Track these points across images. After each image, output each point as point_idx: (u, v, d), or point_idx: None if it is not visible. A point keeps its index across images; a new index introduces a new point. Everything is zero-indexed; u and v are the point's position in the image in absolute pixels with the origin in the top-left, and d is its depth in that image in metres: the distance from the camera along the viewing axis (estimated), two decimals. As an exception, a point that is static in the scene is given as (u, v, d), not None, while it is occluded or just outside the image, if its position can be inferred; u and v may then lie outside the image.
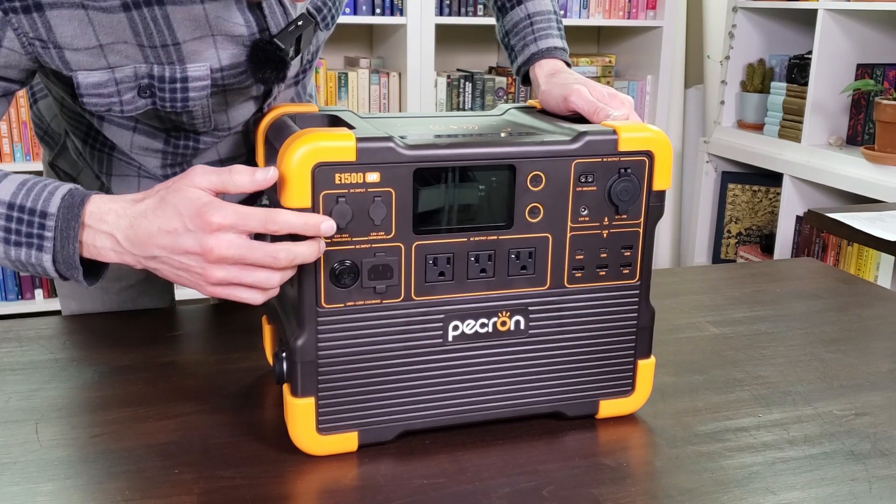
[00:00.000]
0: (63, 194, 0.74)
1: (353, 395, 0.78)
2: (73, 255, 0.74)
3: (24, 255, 0.74)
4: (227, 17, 0.79)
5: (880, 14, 2.79)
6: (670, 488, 0.75)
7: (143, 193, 0.75)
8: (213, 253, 0.70)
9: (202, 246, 0.70)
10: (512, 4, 1.07)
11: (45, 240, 0.74)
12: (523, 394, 0.83)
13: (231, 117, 0.90)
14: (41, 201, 0.74)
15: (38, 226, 0.73)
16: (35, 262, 0.75)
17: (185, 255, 0.71)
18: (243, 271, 0.71)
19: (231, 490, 0.73)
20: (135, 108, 0.82)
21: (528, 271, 0.80)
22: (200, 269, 0.71)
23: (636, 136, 0.80)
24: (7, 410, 0.86)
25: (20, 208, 0.74)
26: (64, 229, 0.73)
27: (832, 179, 2.73)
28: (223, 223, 0.69)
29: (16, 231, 0.74)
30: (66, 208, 0.73)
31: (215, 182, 0.71)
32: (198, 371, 0.95)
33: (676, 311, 1.18)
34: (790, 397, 0.93)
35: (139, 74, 0.80)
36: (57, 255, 0.74)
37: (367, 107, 2.93)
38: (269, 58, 0.83)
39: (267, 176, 0.71)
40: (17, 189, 0.74)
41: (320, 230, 0.71)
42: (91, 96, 0.80)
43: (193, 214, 0.70)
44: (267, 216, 0.70)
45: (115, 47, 0.77)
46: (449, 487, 0.74)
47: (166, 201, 0.71)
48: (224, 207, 0.70)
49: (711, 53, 3.39)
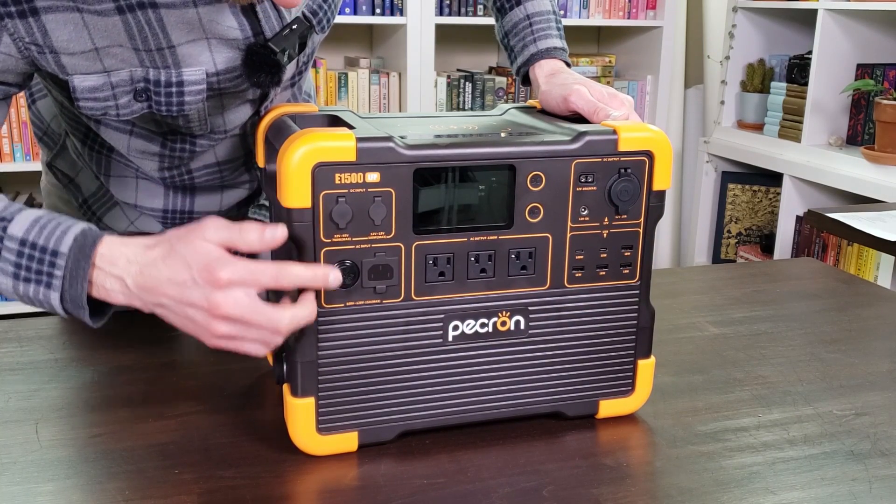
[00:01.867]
0: (76, 234, 0.74)
1: (353, 395, 0.78)
2: (81, 294, 0.74)
3: (32, 292, 0.75)
4: (221, 21, 0.79)
5: (880, 14, 2.79)
6: (670, 488, 0.75)
7: (154, 239, 0.75)
8: (219, 310, 0.70)
9: (209, 301, 0.70)
10: (511, 5, 1.07)
11: (55, 278, 0.74)
12: (523, 394, 0.83)
13: (227, 120, 0.90)
14: (53, 240, 0.74)
15: (48, 264, 0.74)
16: (42, 299, 0.75)
17: (192, 308, 0.71)
18: (247, 329, 0.72)
19: (231, 490, 0.73)
20: (131, 112, 0.82)
21: (528, 271, 0.80)
22: (205, 323, 0.72)
23: (636, 136, 0.80)
24: (7, 410, 0.86)
25: (32, 245, 0.74)
26: (73, 269, 0.73)
27: (832, 179, 2.73)
28: (232, 279, 0.70)
29: (26, 267, 0.74)
30: (78, 249, 0.73)
31: (226, 238, 0.72)
32: (198, 371, 0.95)
33: (676, 311, 1.18)
34: (790, 397, 0.93)
35: (135, 78, 0.80)
36: (65, 293, 0.74)
37: (367, 107, 2.93)
38: (264, 61, 0.82)
39: (276, 234, 0.72)
40: (30, 225, 0.74)
41: (328, 282, 0.72)
42: (87, 100, 0.80)
43: (202, 268, 0.70)
44: (278, 272, 0.71)
45: (110, 51, 0.77)
46: (449, 487, 0.74)
47: (176, 251, 0.72)
48: (233, 264, 0.70)
49: (711, 53, 3.39)
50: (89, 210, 1.08)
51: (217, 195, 1.03)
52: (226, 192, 1.03)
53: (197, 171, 0.97)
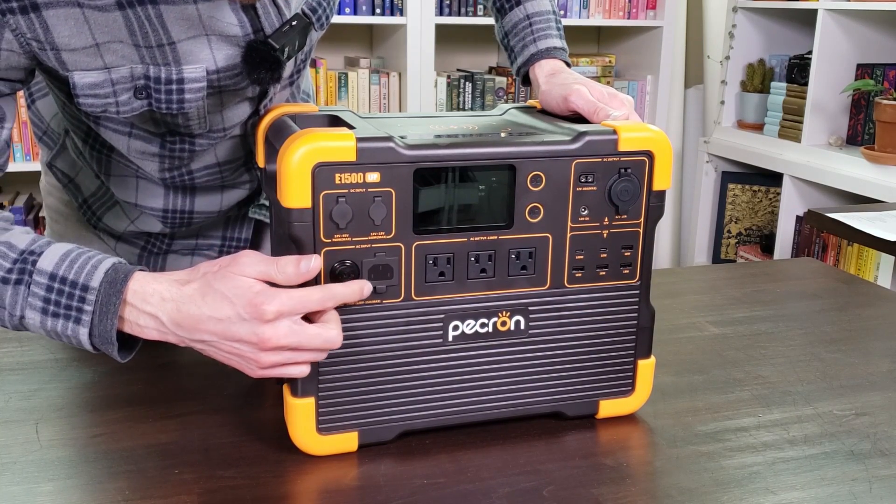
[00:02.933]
0: (107, 269, 0.74)
1: (353, 395, 0.78)
2: (111, 330, 0.73)
3: (61, 327, 0.74)
4: (220, 18, 0.79)
5: (880, 14, 2.79)
6: (670, 488, 0.75)
7: (187, 273, 0.75)
8: (270, 343, 0.71)
9: (258, 336, 0.70)
10: (511, 5, 1.07)
11: (84, 313, 0.73)
12: (523, 394, 0.83)
13: (226, 118, 0.90)
14: (84, 274, 0.73)
15: (78, 299, 0.73)
16: (71, 335, 0.74)
17: (239, 343, 0.72)
18: (297, 354, 0.72)
19: (231, 490, 0.73)
20: (131, 109, 0.82)
21: (528, 271, 0.80)
22: (253, 356, 0.72)
23: (636, 136, 0.80)
24: (7, 410, 0.86)
25: (62, 280, 0.73)
26: (104, 304, 0.73)
27: (832, 179, 2.73)
28: (280, 311, 0.70)
29: (55, 302, 0.73)
30: (109, 284, 0.73)
31: (263, 272, 0.72)
32: (198, 371, 0.95)
33: (676, 311, 1.18)
34: (790, 397, 0.93)
35: (135, 75, 0.80)
36: (94, 329, 0.74)
37: (367, 107, 2.93)
38: (264, 58, 0.82)
39: (310, 265, 0.72)
40: (59, 260, 0.74)
41: (364, 294, 0.74)
42: (87, 97, 0.80)
43: (247, 304, 0.70)
44: (324, 297, 0.72)
45: (111, 47, 0.77)
46: (449, 487, 0.74)
47: (214, 288, 0.71)
48: (279, 296, 0.71)
49: (711, 53, 3.39)
50: (89, 210, 1.08)
51: (217, 195, 1.03)
52: (226, 193, 1.03)
53: (197, 171, 0.97)
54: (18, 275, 0.74)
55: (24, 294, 0.74)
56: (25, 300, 0.74)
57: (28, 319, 0.75)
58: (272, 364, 0.72)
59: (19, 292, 0.74)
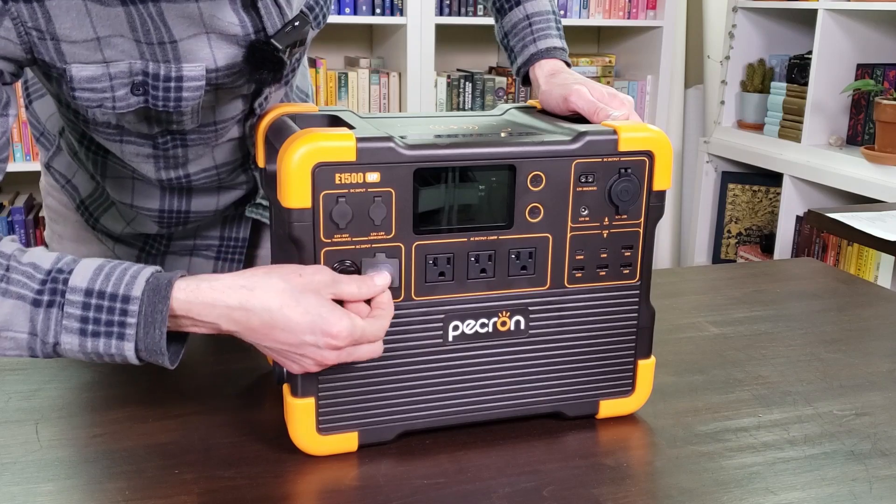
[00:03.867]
0: (147, 277, 0.70)
1: (353, 395, 0.78)
2: (160, 340, 0.69)
3: (104, 346, 0.69)
4: (222, 17, 0.79)
5: (880, 14, 2.79)
6: (670, 488, 0.75)
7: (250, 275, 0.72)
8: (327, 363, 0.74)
9: (321, 356, 0.73)
10: (510, 5, 1.07)
11: (128, 327, 0.69)
12: (523, 394, 0.83)
13: (218, 113, 0.90)
14: (123, 285, 0.69)
15: (119, 312, 0.69)
16: (115, 352, 0.69)
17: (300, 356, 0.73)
18: (354, 350, 0.74)
19: (231, 490, 0.73)
20: (126, 105, 0.82)
21: (528, 271, 0.80)
22: (308, 367, 0.74)
23: (636, 136, 0.80)
24: (7, 410, 0.86)
25: (99, 294, 0.68)
26: (149, 314, 0.69)
27: (832, 179, 2.73)
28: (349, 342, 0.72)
29: (94, 320, 0.68)
30: (152, 291, 0.69)
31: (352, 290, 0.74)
32: (198, 371, 0.95)
33: (676, 311, 1.18)
34: (790, 397, 0.93)
35: (134, 71, 0.79)
36: (139, 342, 0.69)
37: (367, 107, 2.93)
38: (266, 58, 0.82)
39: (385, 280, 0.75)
40: (93, 274, 0.69)
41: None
42: (83, 90, 0.79)
43: (322, 331, 0.71)
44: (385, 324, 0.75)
45: (111, 41, 0.76)
46: (449, 487, 0.74)
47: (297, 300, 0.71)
48: (351, 329, 0.72)
49: (711, 53, 3.39)
50: (87, 211, 1.08)
51: (214, 196, 1.03)
52: (222, 193, 1.03)
53: (195, 173, 0.97)
54: (50, 296, 0.68)
55: (56, 317, 0.68)
56: (60, 324, 0.69)
57: (64, 345, 0.69)
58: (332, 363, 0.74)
59: (51, 316, 0.68)
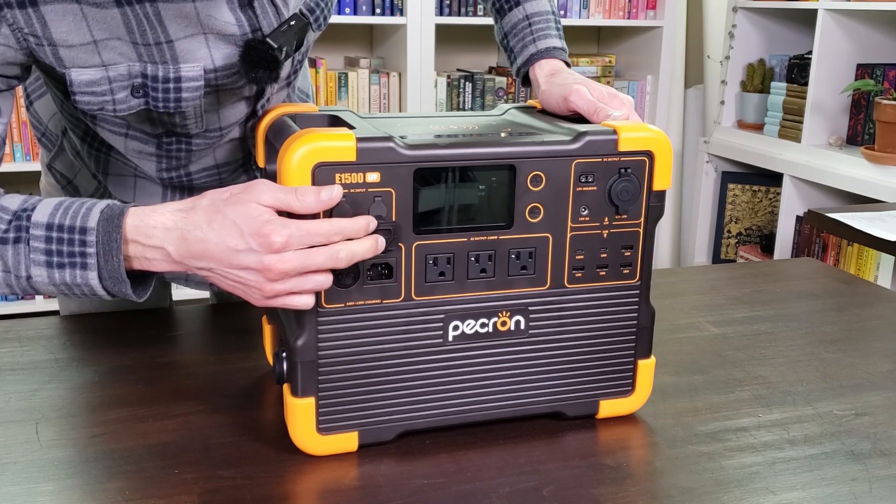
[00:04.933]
0: (102, 208, 0.74)
1: (353, 395, 0.78)
2: (119, 268, 0.73)
3: (69, 277, 0.74)
4: (218, 16, 0.79)
5: (880, 14, 2.79)
6: (670, 488, 0.75)
7: (191, 201, 0.74)
8: (275, 271, 0.70)
9: (262, 264, 0.70)
10: (510, 6, 1.07)
11: (88, 256, 0.73)
12: (523, 394, 0.83)
13: (222, 117, 0.90)
14: (80, 218, 0.73)
15: (78, 243, 0.73)
16: (81, 282, 0.74)
17: (244, 271, 0.71)
18: (301, 279, 0.71)
19: (231, 490, 0.73)
20: (127, 107, 0.82)
21: (528, 271, 0.80)
22: (258, 285, 0.72)
23: (636, 136, 0.80)
24: (7, 410, 0.86)
25: (59, 227, 0.73)
26: (105, 242, 0.73)
27: (832, 179, 2.73)
28: (289, 242, 0.70)
29: (57, 252, 0.73)
30: (106, 220, 0.73)
31: (280, 199, 0.71)
32: (198, 371, 0.95)
33: (676, 311, 1.18)
34: (790, 397, 0.93)
35: (132, 73, 0.79)
36: (102, 270, 0.73)
37: (367, 107, 2.93)
38: (262, 57, 0.82)
39: (332, 195, 0.71)
40: (53, 210, 0.74)
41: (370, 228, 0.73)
42: (84, 94, 0.80)
43: (254, 233, 0.70)
44: (331, 229, 0.71)
45: (108, 44, 0.77)
46: (449, 487, 0.74)
47: (224, 214, 0.71)
48: (288, 226, 0.70)
49: (711, 53, 3.39)
50: None
51: None
52: None
53: (196, 173, 0.97)
54: (16, 233, 0.74)
55: (24, 252, 0.73)
56: (28, 258, 0.73)
57: (35, 278, 0.74)
58: (277, 293, 0.72)
59: (20, 251, 0.74)
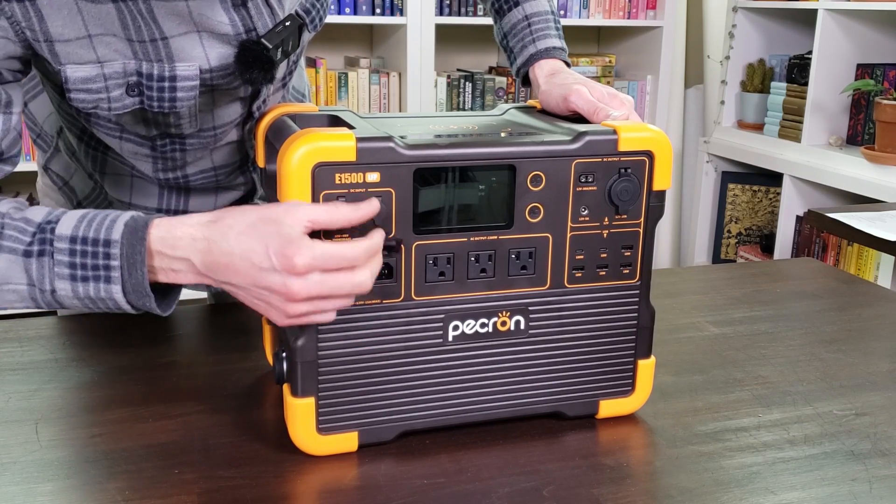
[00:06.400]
0: (126, 220, 0.73)
1: (353, 395, 0.78)
2: (143, 280, 0.72)
3: (93, 291, 0.73)
4: (211, 15, 0.79)
5: (880, 14, 2.79)
6: (670, 488, 0.75)
7: (219, 212, 0.73)
8: (298, 295, 0.70)
9: (287, 287, 0.69)
10: (509, 6, 1.07)
11: (112, 269, 0.72)
12: (523, 394, 0.83)
13: (217, 117, 0.90)
14: (104, 230, 0.72)
15: (102, 255, 0.72)
16: (105, 296, 0.73)
17: (267, 291, 0.71)
18: (323, 302, 0.71)
19: (231, 490, 0.73)
20: (122, 106, 0.82)
21: (528, 271, 0.80)
22: (281, 305, 0.71)
23: (636, 136, 0.80)
24: (7, 410, 0.86)
25: (83, 240, 0.72)
26: (129, 255, 0.72)
27: (832, 179, 2.73)
28: (312, 265, 0.69)
29: (81, 265, 0.72)
30: (130, 232, 0.72)
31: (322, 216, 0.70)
32: (198, 371, 0.95)
33: (676, 311, 1.18)
34: (790, 397, 0.93)
35: (128, 71, 0.79)
36: (126, 284, 0.72)
37: (367, 107, 2.93)
38: (257, 58, 0.82)
39: (371, 207, 0.72)
40: (77, 222, 0.73)
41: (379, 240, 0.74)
42: (79, 91, 0.80)
43: (278, 252, 0.69)
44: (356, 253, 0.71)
45: (103, 39, 0.77)
46: (449, 487, 0.74)
47: (253, 227, 0.70)
48: (311, 249, 0.69)
49: (711, 53, 3.39)
50: None
51: (212, 196, 1.03)
52: (220, 194, 1.03)
53: (193, 174, 0.97)
54: (40, 245, 0.73)
55: (49, 265, 0.73)
56: (52, 271, 0.73)
57: (60, 291, 0.73)
58: (300, 314, 0.71)
59: (44, 264, 0.73)
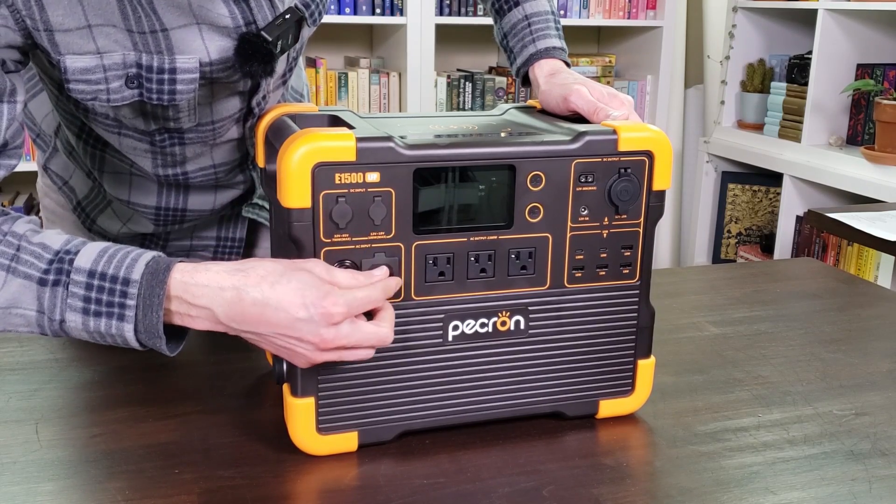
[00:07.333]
0: (147, 261, 0.72)
1: (353, 395, 0.78)
2: (157, 324, 0.71)
3: (104, 326, 0.72)
4: (211, 8, 0.79)
5: (880, 14, 2.79)
6: (670, 488, 0.75)
7: (244, 262, 0.73)
8: (329, 344, 0.71)
9: (321, 337, 0.70)
10: (509, 6, 1.07)
11: (127, 308, 0.71)
12: (523, 394, 0.83)
13: (215, 111, 0.90)
14: (124, 268, 0.71)
15: (119, 293, 0.71)
16: (115, 333, 0.72)
17: (298, 341, 0.71)
18: (348, 352, 0.73)
19: (231, 490, 0.73)
20: (121, 98, 0.82)
21: (528, 271, 0.80)
22: (308, 353, 0.72)
23: (636, 135, 0.80)
24: (7, 410, 0.86)
25: (101, 276, 0.71)
26: (147, 297, 0.71)
27: (832, 179, 2.73)
28: (348, 313, 0.71)
29: (96, 300, 0.71)
30: (151, 274, 0.71)
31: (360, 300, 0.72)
32: (198, 371, 0.95)
33: (676, 311, 1.18)
34: (790, 397, 0.93)
35: (127, 62, 0.79)
36: (139, 324, 0.71)
37: (367, 107, 2.93)
38: (257, 51, 0.82)
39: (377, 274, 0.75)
40: (97, 256, 0.72)
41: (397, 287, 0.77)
42: (78, 82, 0.79)
43: (315, 303, 0.69)
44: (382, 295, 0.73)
45: (103, 30, 0.77)
46: (449, 487, 0.74)
47: (288, 278, 0.70)
48: (344, 296, 0.70)
49: (711, 53, 3.39)
50: (83, 212, 1.08)
51: (211, 194, 1.03)
52: (220, 192, 1.03)
53: (192, 172, 0.97)
54: (56, 275, 0.71)
55: (62, 296, 0.71)
56: (65, 302, 0.71)
57: (69, 323, 0.72)
58: (324, 361, 0.72)
59: (58, 294, 0.71)
